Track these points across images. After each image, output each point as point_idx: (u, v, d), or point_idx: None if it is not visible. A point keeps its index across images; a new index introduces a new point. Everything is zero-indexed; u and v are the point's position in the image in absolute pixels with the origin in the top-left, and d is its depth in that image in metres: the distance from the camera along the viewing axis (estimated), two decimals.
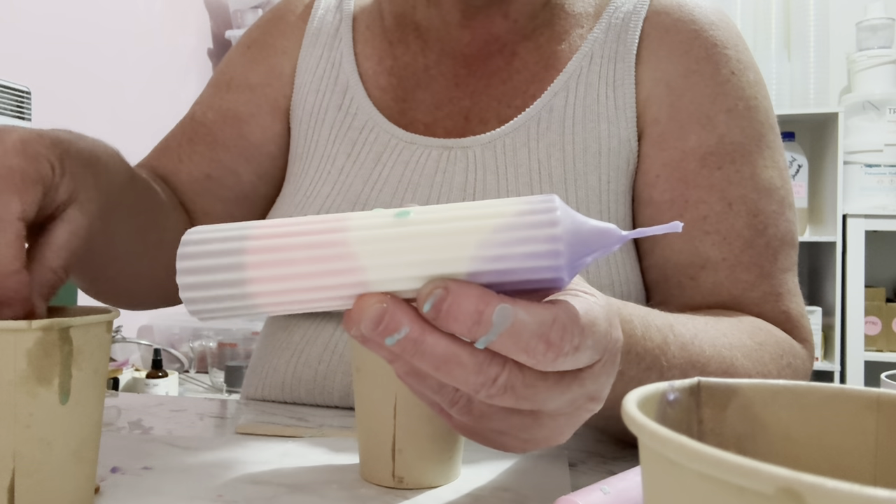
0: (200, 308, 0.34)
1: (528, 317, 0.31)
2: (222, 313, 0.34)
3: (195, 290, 0.34)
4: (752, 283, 0.61)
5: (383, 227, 0.33)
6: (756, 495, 0.17)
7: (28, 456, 0.36)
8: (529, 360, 0.32)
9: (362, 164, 0.67)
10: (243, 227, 0.34)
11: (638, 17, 0.67)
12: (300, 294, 0.33)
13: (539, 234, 0.31)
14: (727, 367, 0.51)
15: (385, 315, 0.32)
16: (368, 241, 0.32)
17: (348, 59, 0.73)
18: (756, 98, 0.65)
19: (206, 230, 0.35)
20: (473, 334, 0.31)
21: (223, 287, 0.34)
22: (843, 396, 0.26)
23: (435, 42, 0.71)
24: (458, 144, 0.66)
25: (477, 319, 0.31)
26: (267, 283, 0.33)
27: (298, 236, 0.33)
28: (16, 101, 1.75)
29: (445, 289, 0.31)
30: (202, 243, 0.34)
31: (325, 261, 0.33)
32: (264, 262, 0.33)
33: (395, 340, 0.32)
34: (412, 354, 0.32)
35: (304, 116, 0.73)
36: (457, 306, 0.31)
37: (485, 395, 0.33)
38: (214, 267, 0.34)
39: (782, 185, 0.64)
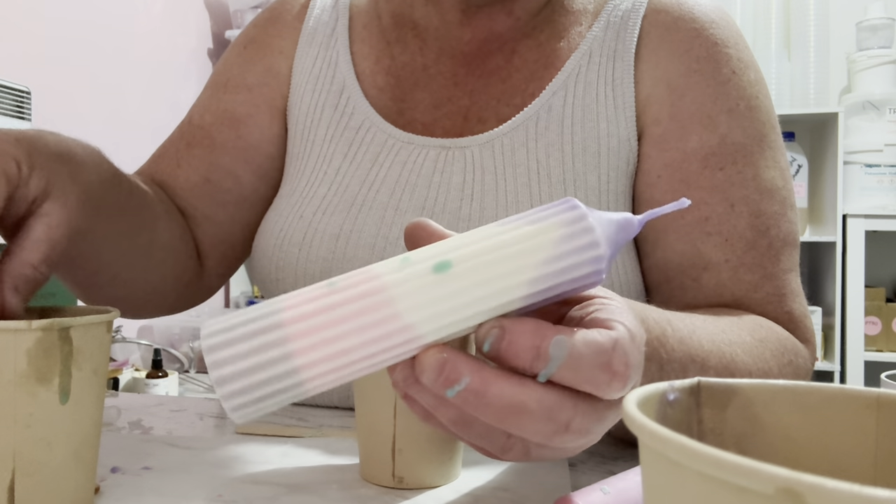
0: (242, 401, 0.31)
1: (584, 347, 0.31)
2: (267, 401, 0.31)
3: (235, 381, 0.31)
4: (755, 284, 0.61)
5: (427, 285, 0.31)
6: (756, 495, 0.17)
7: (28, 456, 0.36)
8: (595, 391, 0.32)
9: (359, 165, 0.67)
10: (271, 304, 0.32)
11: (637, 14, 0.67)
12: (350, 363, 0.31)
13: (585, 258, 0.32)
14: (727, 362, 0.51)
15: (446, 364, 0.31)
16: (415, 303, 0.31)
17: (345, 58, 0.72)
18: (757, 97, 0.65)
19: (224, 318, 0.32)
20: (534, 368, 0.31)
21: (267, 368, 0.31)
22: (843, 396, 0.26)
23: (433, 41, 0.71)
24: (455, 144, 0.66)
25: (535, 355, 0.31)
26: (312, 353, 0.31)
27: (340, 307, 0.31)
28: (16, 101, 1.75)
29: (501, 328, 0.31)
30: (227, 330, 0.31)
31: (372, 327, 0.31)
32: (306, 331, 0.31)
33: (456, 392, 0.31)
34: (476, 406, 0.31)
35: (300, 116, 0.73)
36: (515, 344, 0.31)
37: (559, 442, 0.32)
38: (253, 349, 0.31)
39: (784, 185, 0.64)
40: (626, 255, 0.63)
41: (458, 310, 0.31)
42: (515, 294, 0.32)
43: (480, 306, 0.32)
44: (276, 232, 0.67)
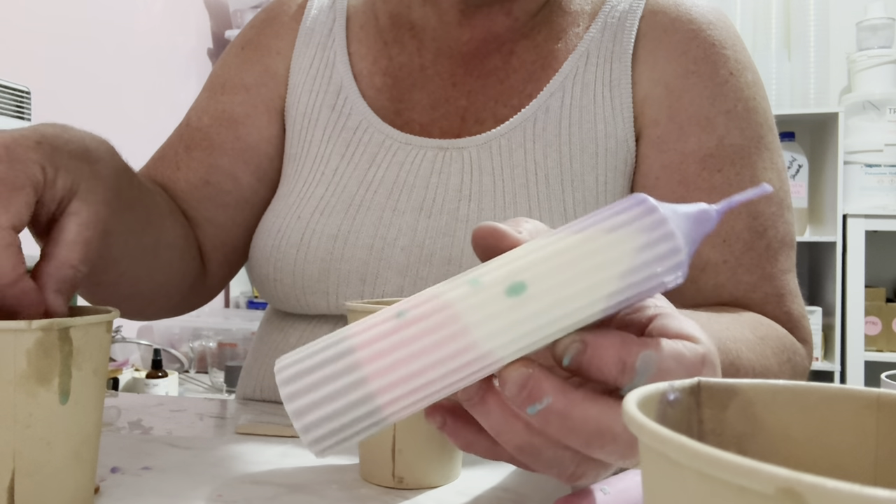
0: (322, 433, 0.30)
1: (673, 362, 0.31)
2: (346, 431, 0.30)
3: (311, 412, 0.30)
4: (753, 284, 0.61)
5: (502, 311, 0.30)
6: (756, 495, 0.17)
7: (28, 456, 0.36)
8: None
9: (357, 165, 0.67)
10: (340, 333, 0.31)
11: (634, 15, 0.67)
12: (427, 390, 0.30)
13: (666, 266, 0.31)
14: (732, 359, 0.51)
15: (530, 380, 0.30)
16: (491, 330, 0.30)
17: (342, 58, 0.72)
18: (755, 99, 0.65)
19: (295, 352, 0.32)
20: (619, 382, 0.30)
21: (343, 395, 0.30)
22: (843, 396, 0.26)
23: (431, 41, 0.71)
24: (453, 145, 0.66)
25: (621, 370, 0.30)
26: (387, 375, 0.30)
27: (414, 341, 0.30)
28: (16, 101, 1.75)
29: (583, 342, 0.30)
30: (301, 361, 0.31)
31: (449, 359, 0.30)
32: (381, 362, 0.30)
33: (537, 410, 0.30)
34: (559, 428, 0.30)
35: (297, 117, 0.72)
36: (598, 358, 0.30)
37: (633, 464, 0.32)
38: (327, 377, 0.30)
39: (781, 186, 0.64)
40: None
41: (535, 332, 0.30)
42: (594, 309, 0.30)
43: (558, 325, 0.30)
44: (273, 232, 0.67)
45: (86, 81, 2.06)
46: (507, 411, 0.31)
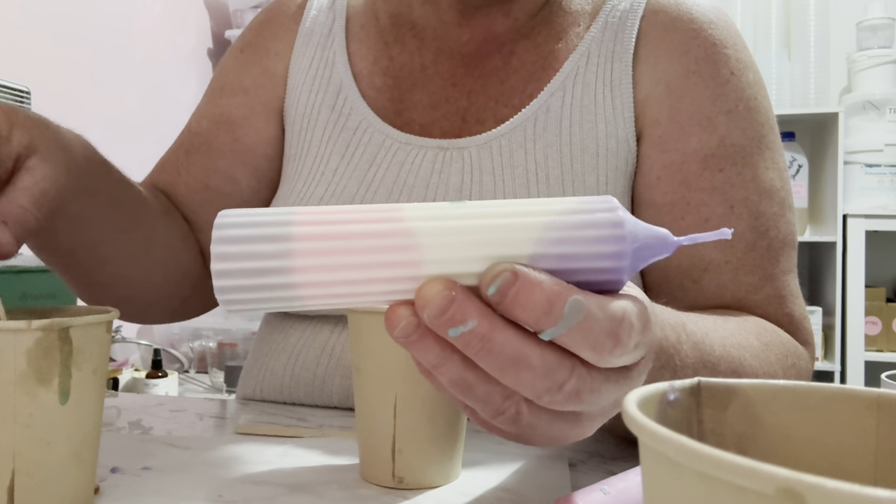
0: (235, 298, 0.32)
1: (600, 312, 0.30)
2: (259, 305, 0.32)
3: (232, 277, 0.31)
4: (755, 285, 0.61)
5: (444, 214, 0.31)
6: (756, 495, 0.17)
7: (28, 456, 0.36)
8: (593, 357, 0.31)
9: (357, 166, 0.67)
10: (287, 213, 0.32)
11: (635, 15, 0.67)
12: (349, 286, 0.31)
13: (604, 219, 0.31)
14: (736, 366, 0.51)
15: (452, 304, 0.30)
16: (430, 227, 0.31)
17: (341, 58, 0.72)
18: (756, 98, 0.65)
19: (244, 213, 0.32)
20: (541, 325, 0.30)
21: (265, 276, 0.31)
22: (843, 396, 0.26)
23: (432, 41, 0.71)
24: (453, 145, 0.66)
25: (547, 310, 0.29)
26: (315, 273, 0.31)
27: (353, 224, 0.31)
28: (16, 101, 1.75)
29: (514, 273, 0.29)
30: (241, 227, 0.32)
31: (382, 250, 0.31)
32: (314, 250, 0.31)
33: (460, 333, 0.30)
34: (477, 351, 0.30)
35: (297, 117, 0.72)
36: (526, 294, 0.29)
37: (547, 401, 0.32)
38: (256, 254, 0.31)
39: (782, 186, 0.64)
40: None
41: (469, 240, 0.30)
42: (528, 234, 0.30)
43: (492, 235, 0.30)
44: None
45: (86, 81, 2.06)
46: (444, 347, 0.31)
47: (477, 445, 0.53)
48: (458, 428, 0.45)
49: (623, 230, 0.31)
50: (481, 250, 0.30)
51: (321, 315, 0.67)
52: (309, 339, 0.67)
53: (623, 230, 0.31)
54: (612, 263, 0.31)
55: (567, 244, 0.30)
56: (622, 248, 0.31)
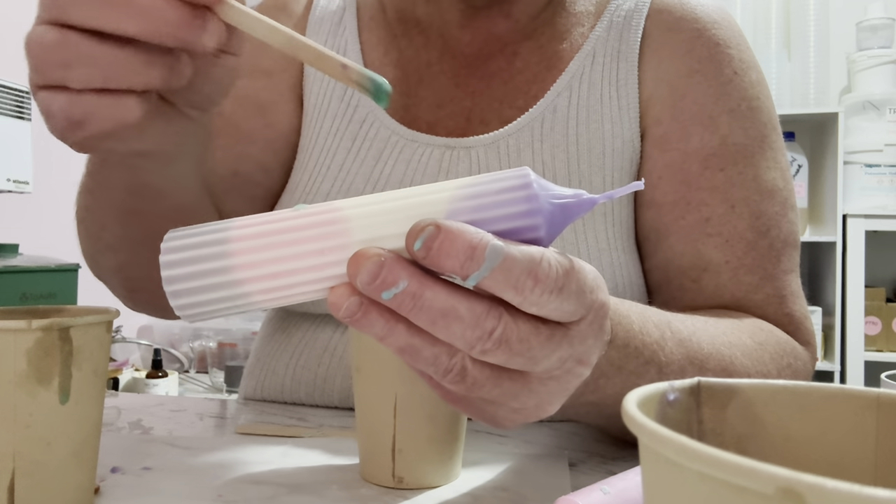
0: (186, 302, 0.34)
1: (518, 253, 0.32)
2: (211, 307, 0.34)
3: (179, 282, 0.34)
4: (755, 285, 0.61)
5: (375, 200, 0.34)
6: (756, 495, 0.17)
7: (28, 456, 0.36)
8: (517, 298, 0.32)
9: (363, 161, 0.66)
10: (225, 222, 0.35)
11: (640, 14, 0.67)
12: (290, 277, 0.33)
13: (512, 173, 0.34)
14: (726, 364, 0.51)
15: (383, 268, 0.31)
16: (360, 212, 0.33)
17: (353, 46, 0.71)
18: (758, 98, 0.65)
19: (187, 228, 0.35)
20: (466, 270, 0.31)
21: (209, 276, 0.33)
22: (843, 396, 0.26)
23: (437, 38, 0.70)
24: (460, 144, 0.65)
25: (470, 255, 0.31)
26: (255, 269, 0.33)
27: (286, 220, 0.34)
28: (16, 101, 1.75)
29: (437, 226, 0.31)
30: (183, 238, 0.34)
31: (315, 239, 0.33)
32: (251, 247, 0.33)
33: (393, 294, 0.32)
34: (410, 309, 0.32)
35: (309, 107, 0.71)
36: (449, 242, 0.31)
37: (479, 351, 0.33)
38: (198, 257, 0.34)
39: (784, 186, 0.64)
40: (629, 257, 0.63)
41: (390, 208, 0.33)
42: (442, 193, 0.33)
43: (410, 200, 0.33)
44: None
45: None
46: (387, 318, 0.33)
47: (477, 445, 0.53)
48: (458, 428, 0.45)
49: (532, 189, 0.33)
50: (404, 223, 0.33)
51: (323, 315, 0.67)
52: (311, 338, 0.67)
53: (532, 189, 0.33)
54: (527, 221, 0.33)
55: (480, 197, 0.33)
56: (534, 206, 0.33)
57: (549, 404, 0.37)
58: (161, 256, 0.34)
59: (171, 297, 0.34)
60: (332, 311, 0.33)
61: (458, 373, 0.34)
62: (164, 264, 0.34)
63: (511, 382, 0.35)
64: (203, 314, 0.35)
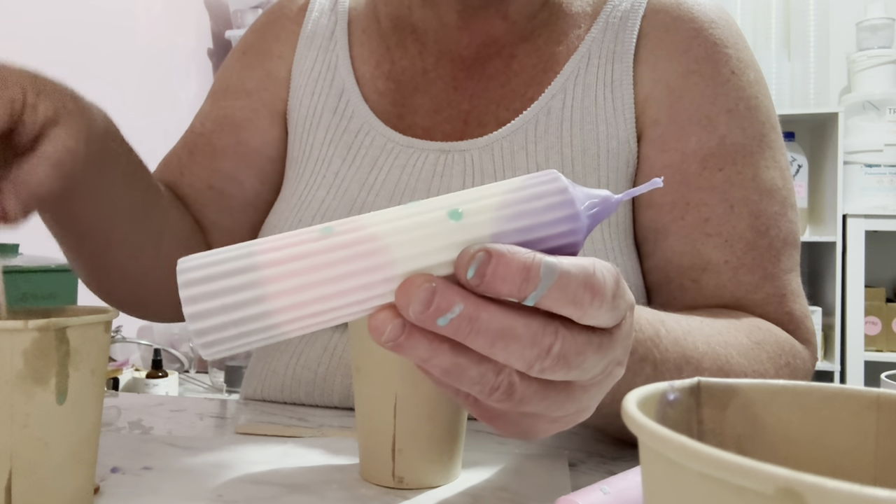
0: (214, 339, 0.31)
1: (572, 268, 0.31)
2: (239, 342, 0.31)
3: (207, 318, 0.30)
4: (755, 284, 0.61)
5: (402, 214, 0.32)
6: (756, 495, 0.17)
7: (25, 456, 0.36)
8: (577, 313, 0.32)
9: (358, 168, 0.67)
10: (247, 246, 0.32)
11: (636, 15, 0.67)
12: (326, 302, 0.31)
13: (551, 188, 0.32)
14: (722, 363, 0.51)
15: (436, 295, 0.30)
16: (393, 228, 0.31)
17: (344, 61, 0.72)
18: (757, 97, 0.64)
19: (202, 255, 0.32)
20: (523, 293, 0.31)
21: (240, 309, 0.30)
22: (843, 396, 0.26)
23: (433, 44, 0.71)
24: (455, 148, 0.65)
25: (525, 276, 0.30)
26: (289, 296, 0.31)
27: (315, 242, 0.31)
28: None
29: (487, 251, 0.30)
30: (204, 267, 0.31)
31: (351, 259, 0.31)
32: (284, 273, 0.31)
33: (449, 320, 0.30)
34: (467, 333, 0.31)
35: (299, 119, 0.73)
36: (503, 267, 0.30)
37: (538, 370, 0.32)
38: (227, 289, 0.30)
39: (784, 185, 0.64)
40: (628, 258, 0.63)
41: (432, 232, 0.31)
42: (485, 215, 0.32)
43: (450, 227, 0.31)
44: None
45: (86, 81, 2.06)
46: (431, 340, 0.32)
47: (477, 445, 0.53)
48: (458, 428, 0.45)
49: (570, 195, 0.32)
50: (445, 238, 0.31)
51: None
52: (311, 338, 0.67)
53: (570, 195, 0.32)
54: (568, 227, 0.32)
55: (523, 218, 0.32)
56: (574, 211, 0.32)
57: (588, 410, 0.37)
58: (182, 291, 0.31)
59: (197, 336, 0.31)
60: (374, 336, 0.31)
61: (505, 390, 0.33)
62: (188, 300, 0.30)
63: (557, 393, 0.35)
64: (228, 350, 0.32)
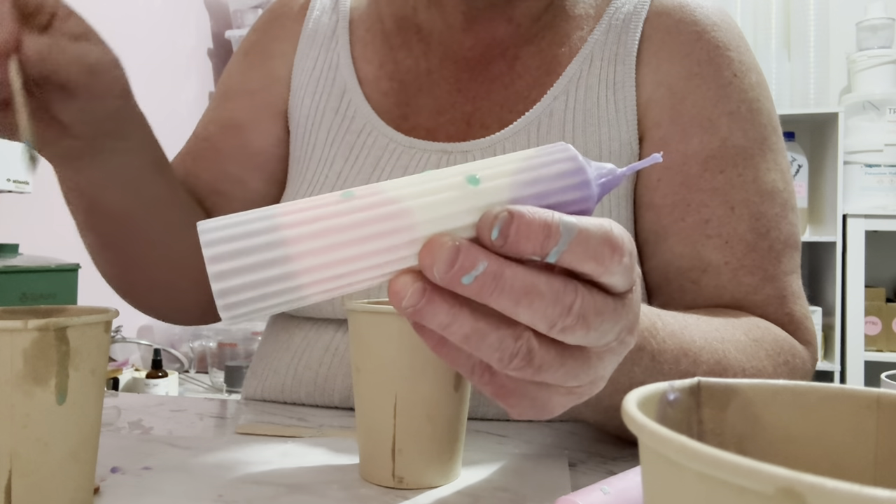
0: (237, 300, 0.30)
1: (591, 225, 0.32)
2: (261, 304, 0.31)
3: (231, 278, 0.30)
4: (755, 286, 0.61)
5: (422, 179, 0.33)
6: (756, 495, 0.17)
7: (25, 456, 0.36)
8: (598, 269, 0.32)
9: (361, 169, 0.67)
10: (268, 209, 0.32)
11: (638, 18, 0.67)
12: (350, 264, 0.31)
13: (563, 156, 0.34)
14: (719, 357, 0.51)
15: (460, 253, 0.30)
16: (415, 191, 0.32)
17: (346, 61, 0.73)
18: (758, 100, 0.64)
19: (223, 217, 0.32)
20: (545, 248, 0.31)
21: (265, 269, 0.30)
22: (843, 396, 0.26)
23: (437, 45, 0.71)
24: (457, 149, 0.66)
25: (547, 233, 0.31)
26: (314, 257, 0.31)
27: (338, 204, 0.31)
28: None
29: (510, 212, 0.31)
30: (227, 228, 0.31)
31: (374, 221, 0.31)
32: (308, 234, 0.31)
33: (473, 278, 0.31)
34: (491, 291, 0.31)
35: (301, 119, 0.73)
36: (526, 225, 0.31)
37: (560, 329, 0.32)
38: (252, 248, 0.30)
39: (784, 187, 0.64)
40: None
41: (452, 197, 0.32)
42: (504, 180, 0.33)
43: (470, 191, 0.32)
44: None
45: None
46: (451, 304, 0.32)
47: (477, 445, 0.53)
48: (458, 428, 0.45)
49: (581, 163, 0.34)
50: (466, 202, 0.32)
51: (325, 318, 0.67)
52: (313, 339, 0.67)
53: (581, 163, 0.34)
54: (580, 193, 0.34)
55: (538, 184, 0.33)
56: (586, 178, 0.34)
57: (601, 379, 0.37)
58: (206, 250, 0.30)
59: (220, 296, 0.30)
60: (393, 301, 0.32)
61: (524, 356, 0.33)
62: (211, 258, 0.30)
63: (573, 360, 0.34)
64: (249, 313, 0.31)
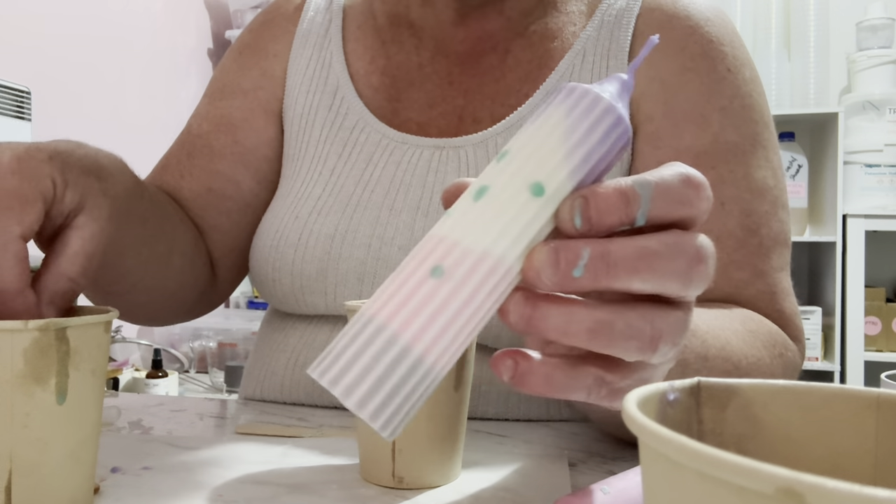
0: (388, 415, 0.29)
1: (665, 173, 0.31)
2: (407, 404, 0.29)
3: (370, 399, 0.29)
4: (745, 281, 0.61)
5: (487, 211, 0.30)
6: (756, 495, 0.17)
7: (25, 456, 0.36)
8: (690, 211, 0.31)
9: (354, 165, 0.67)
10: (362, 316, 0.30)
11: (631, 13, 0.67)
12: (466, 325, 0.29)
13: (599, 112, 0.31)
14: (724, 343, 0.51)
15: (559, 251, 0.29)
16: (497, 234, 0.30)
17: (338, 58, 0.73)
18: (751, 96, 0.64)
19: (325, 353, 0.30)
20: (631, 213, 0.30)
21: (393, 371, 0.29)
22: (843, 396, 0.26)
23: (429, 40, 0.71)
24: (449, 144, 0.66)
25: (627, 200, 0.29)
26: (433, 343, 0.29)
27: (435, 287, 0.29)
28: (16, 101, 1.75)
29: (583, 197, 0.29)
30: (337, 359, 0.29)
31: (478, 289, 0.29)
32: (418, 328, 0.29)
33: (582, 268, 0.29)
34: (607, 271, 0.29)
35: (294, 118, 0.73)
36: (604, 200, 0.29)
37: (697, 280, 0.31)
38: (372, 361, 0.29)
39: (775, 184, 0.64)
40: None
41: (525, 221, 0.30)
42: (561, 174, 0.30)
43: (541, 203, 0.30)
44: (271, 233, 0.67)
45: (86, 81, 2.06)
46: (563, 302, 0.30)
47: (477, 445, 0.53)
48: (458, 428, 0.45)
49: (618, 111, 0.31)
50: (545, 214, 0.30)
51: (320, 315, 0.67)
52: (309, 338, 0.67)
53: (618, 111, 0.31)
54: (625, 137, 0.32)
55: (591, 157, 0.31)
56: (625, 122, 0.31)
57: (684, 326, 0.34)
58: (334, 390, 0.29)
59: (372, 419, 0.29)
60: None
61: (650, 335, 0.31)
62: (344, 394, 0.29)
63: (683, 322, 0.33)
64: (403, 419, 0.29)
